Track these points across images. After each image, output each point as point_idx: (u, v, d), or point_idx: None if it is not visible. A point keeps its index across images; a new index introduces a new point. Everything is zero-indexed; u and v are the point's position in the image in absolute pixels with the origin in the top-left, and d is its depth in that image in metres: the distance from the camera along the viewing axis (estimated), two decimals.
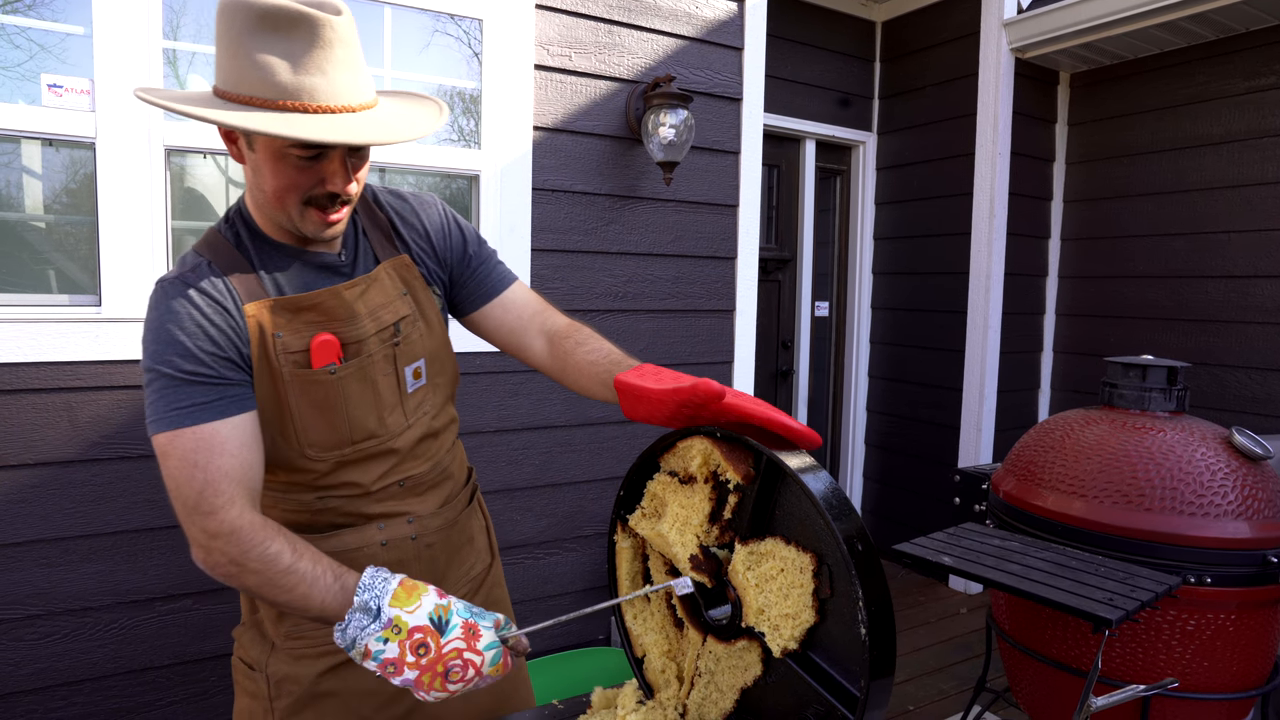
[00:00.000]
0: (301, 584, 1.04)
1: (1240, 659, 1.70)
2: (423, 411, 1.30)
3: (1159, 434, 1.78)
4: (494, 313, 1.36)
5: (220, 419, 1.06)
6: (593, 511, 2.80)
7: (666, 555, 1.17)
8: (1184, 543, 1.65)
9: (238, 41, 0.99)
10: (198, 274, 1.10)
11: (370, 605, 1.02)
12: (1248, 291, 3.43)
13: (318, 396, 1.16)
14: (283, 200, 1.09)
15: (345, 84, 1.03)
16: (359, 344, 1.19)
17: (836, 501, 0.86)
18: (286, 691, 1.23)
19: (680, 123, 2.61)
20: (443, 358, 1.34)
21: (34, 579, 1.98)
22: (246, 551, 1.04)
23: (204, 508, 1.03)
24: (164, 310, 1.07)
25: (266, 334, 1.11)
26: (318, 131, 0.98)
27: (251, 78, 1.00)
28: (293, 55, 0.99)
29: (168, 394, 1.05)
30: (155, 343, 1.06)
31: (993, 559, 1.66)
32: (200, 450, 1.04)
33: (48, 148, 2.01)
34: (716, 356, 3.02)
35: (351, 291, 1.19)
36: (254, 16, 0.98)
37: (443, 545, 1.35)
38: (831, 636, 0.91)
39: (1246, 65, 3.40)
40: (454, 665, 1.01)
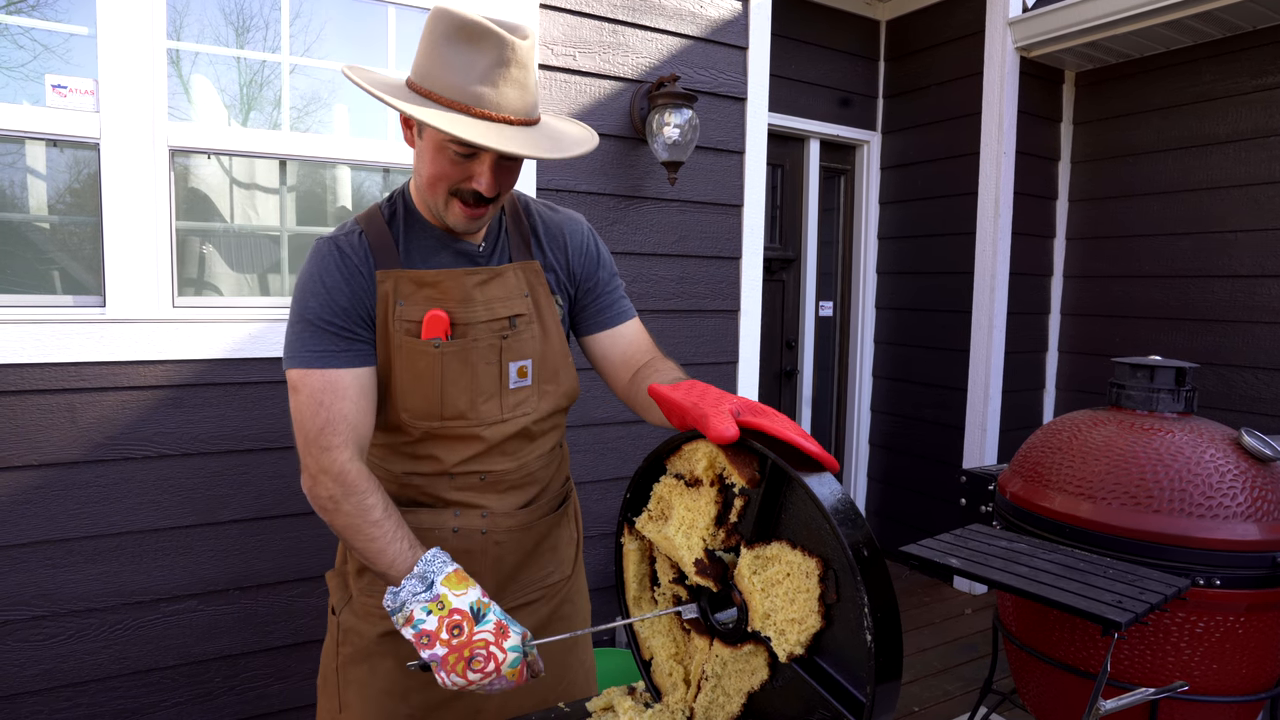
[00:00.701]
0: (382, 538, 1.17)
1: (1249, 661, 1.69)
2: (523, 411, 1.35)
3: (1167, 435, 1.77)
4: (603, 341, 1.43)
5: (346, 368, 1.22)
6: (597, 512, 2.79)
7: (673, 558, 1.17)
8: (1193, 545, 1.64)
9: (436, 44, 1.14)
10: (348, 238, 1.26)
11: (426, 576, 1.14)
12: (1254, 291, 3.41)
13: (420, 366, 1.27)
14: (434, 186, 1.22)
15: (513, 98, 1.15)
16: (467, 326, 1.28)
17: (842, 507, 0.85)
18: (350, 641, 1.36)
19: (685, 122, 2.60)
20: (557, 366, 1.39)
21: (39, 580, 1.98)
22: (348, 495, 1.18)
23: (322, 443, 1.18)
24: (315, 265, 1.24)
25: (390, 301, 1.25)
26: (469, 132, 1.10)
27: (436, 77, 1.14)
28: (475, 65, 1.12)
29: (305, 336, 1.21)
30: (304, 290, 1.23)
31: (1000, 561, 1.65)
32: (327, 391, 1.19)
33: (52, 148, 2.01)
34: (721, 357, 3.01)
35: (472, 278, 1.29)
36: (454, 25, 1.12)
37: (513, 546, 1.39)
38: (838, 641, 0.90)
39: (1254, 64, 3.38)
40: (479, 654, 1.11)
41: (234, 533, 2.19)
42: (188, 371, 2.11)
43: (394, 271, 1.25)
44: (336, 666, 1.37)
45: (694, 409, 1.03)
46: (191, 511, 2.13)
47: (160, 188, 2.05)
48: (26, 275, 2.01)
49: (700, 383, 1.15)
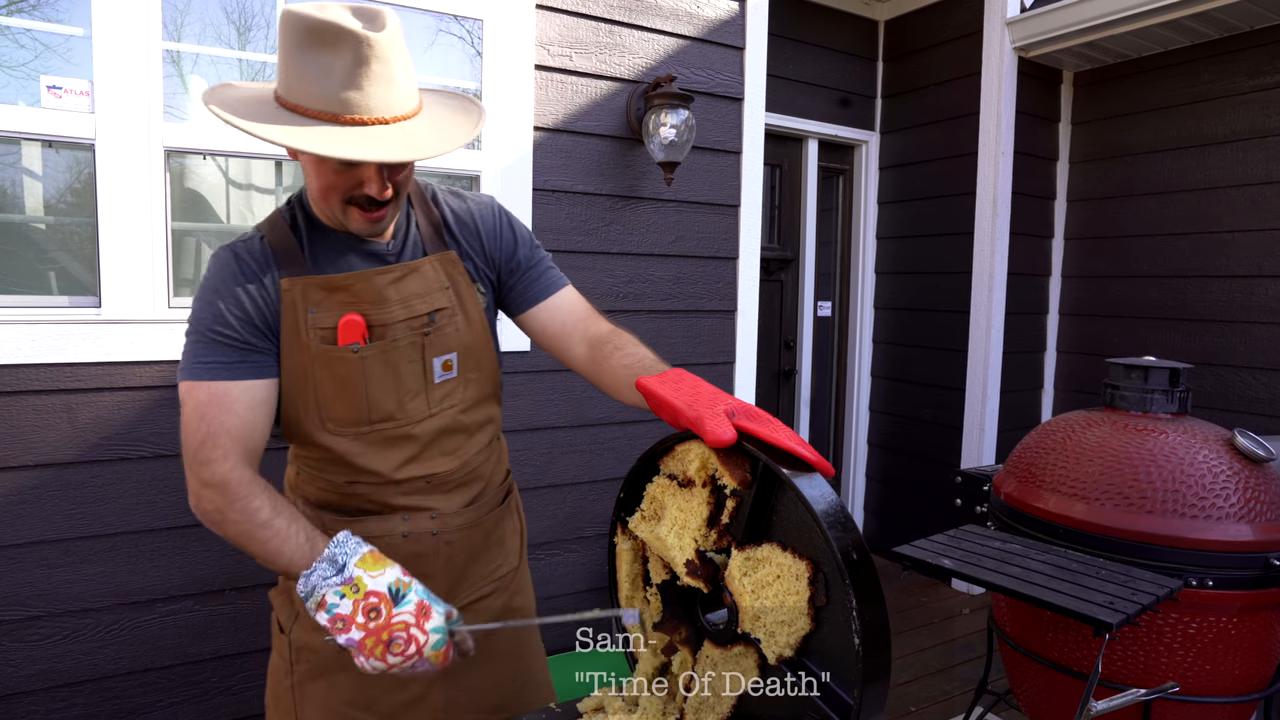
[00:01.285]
0: (275, 538, 1.14)
1: (1242, 662, 1.69)
2: (449, 404, 1.34)
3: (1161, 436, 1.77)
4: (539, 316, 1.40)
5: (235, 380, 1.17)
6: (593, 512, 2.80)
7: (664, 558, 1.17)
8: (1186, 545, 1.65)
9: (290, 52, 1.08)
10: (248, 246, 1.21)
11: (337, 559, 1.11)
12: (1252, 291, 3.41)
13: (340, 372, 1.23)
14: (326, 198, 1.18)
15: (380, 97, 1.09)
16: (384, 328, 1.25)
17: (832, 510, 0.86)
18: (305, 659, 1.33)
19: (681, 123, 2.60)
20: (480, 354, 1.37)
21: (34, 580, 1.98)
22: (231, 503, 1.14)
23: (201, 457, 1.14)
24: (212, 273, 1.20)
25: (299, 309, 1.20)
26: (337, 147, 1.05)
27: (298, 88, 1.08)
28: (333, 69, 1.06)
29: (197, 348, 1.17)
30: (198, 300, 1.19)
31: (993, 562, 1.66)
32: (210, 404, 1.15)
33: (47, 149, 2.01)
34: (718, 357, 3.02)
35: (384, 277, 1.25)
36: (303, 29, 1.05)
37: (464, 544, 1.39)
38: (827, 644, 0.90)
39: (1251, 64, 3.38)
40: (399, 636, 1.08)
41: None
42: None
43: (301, 278, 1.20)
44: (291, 685, 1.34)
45: (688, 410, 1.01)
46: (187, 512, 2.09)
47: (156, 188, 2.05)
48: (22, 276, 2.02)
49: (686, 374, 1.14)
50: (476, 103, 1.27)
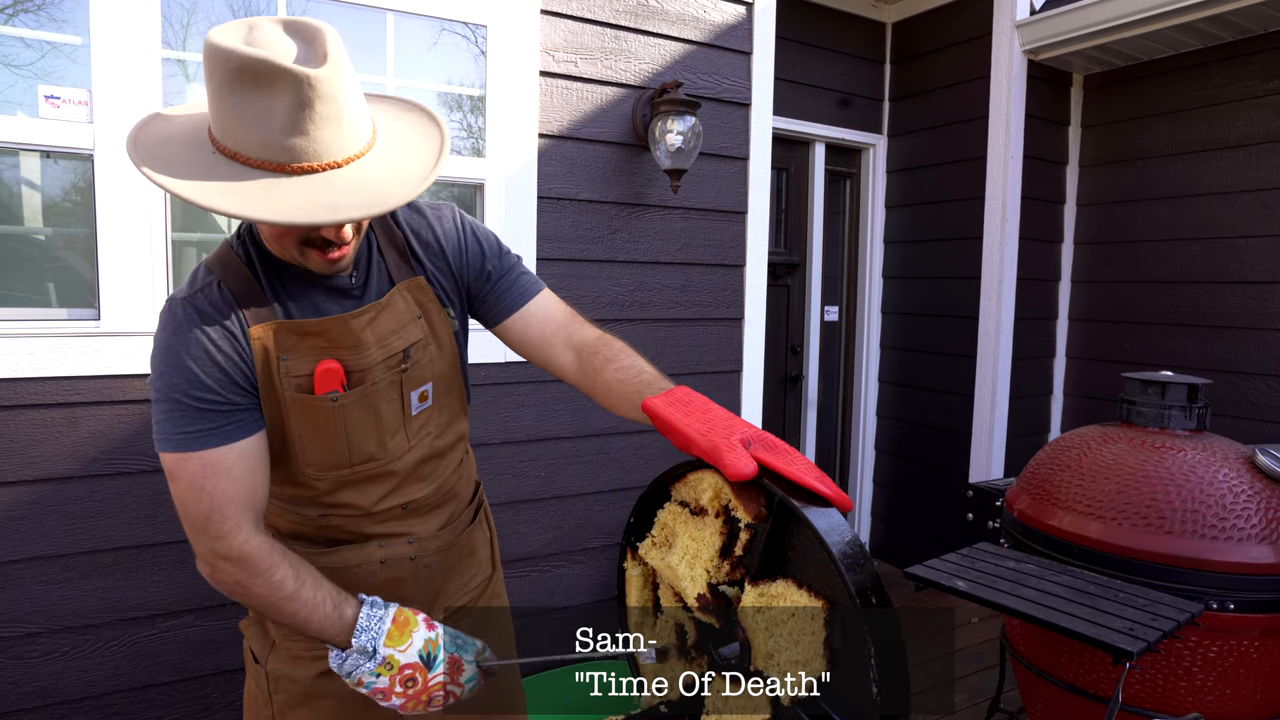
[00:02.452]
0: (303, 610, 1.11)
1: (1264, 686, 1.66)
2: (426, 433, 1.29)
3: (1179, 454, 1.73)
4: (516, 326, 1.31)
5: (227, 444, 1.08)
6: (599, 523, 2.76)
7: (675, 588, 1.14)
8: (1206, 567, 1.61)
9: (220, 92, 0.94)
10: (207, 294, 1.09)
11: (367, 648, 1.11)
12: (1266, 298, 3.37)
13: (319, 421, 1.16)
14: (281, 243, 1.08)
15: (330, 141, 0.97)
16: (364, 372, 1.18)
17: (850, 550, 0.82)
18: (283, 689, 1.30)
19: (688, 129, 2.56)
20: (450, 378, 1.32)
21: (33, 596, 1.96)
22: (254, 577, 1.09)
23: (211, 531, 1.07)
24: (172, 333, 1.07)
25: (271, 356, 1.11)
26: (288, 209, 0.93)
27: (235, 134, 0.95)
28: (273, 113, 0.93)
29: (175, 416, 1.06)
30: (164, 366, 1.07)
31: (1008, 583, 1.62)
32: (207, 475, 1.06)
33: (46, 159, 1.99)
34: (725, 365, 2.98)
35: (359, 320, 1.16)
36: (234, 68, 0.91)
37: (440, 565, 1.37)
38: (844, 687, 0.87)
39: (1265, 67, 3.33)
40: (436, 695, 1.13)
41: None
42: None
43: (270, 324, 1.10)
44: (272, 714, 1.31)
45: (703, 439, 0.97)
46: None
47: (156, 199, 2.02)
48: (20, 288, 1.99)
49: (694, 394, 1.09)
50: (434, 117, 1.15)
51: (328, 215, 0.95)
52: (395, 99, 1.19)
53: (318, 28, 0.99)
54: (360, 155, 1.02)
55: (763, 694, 0.99)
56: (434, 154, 1.09)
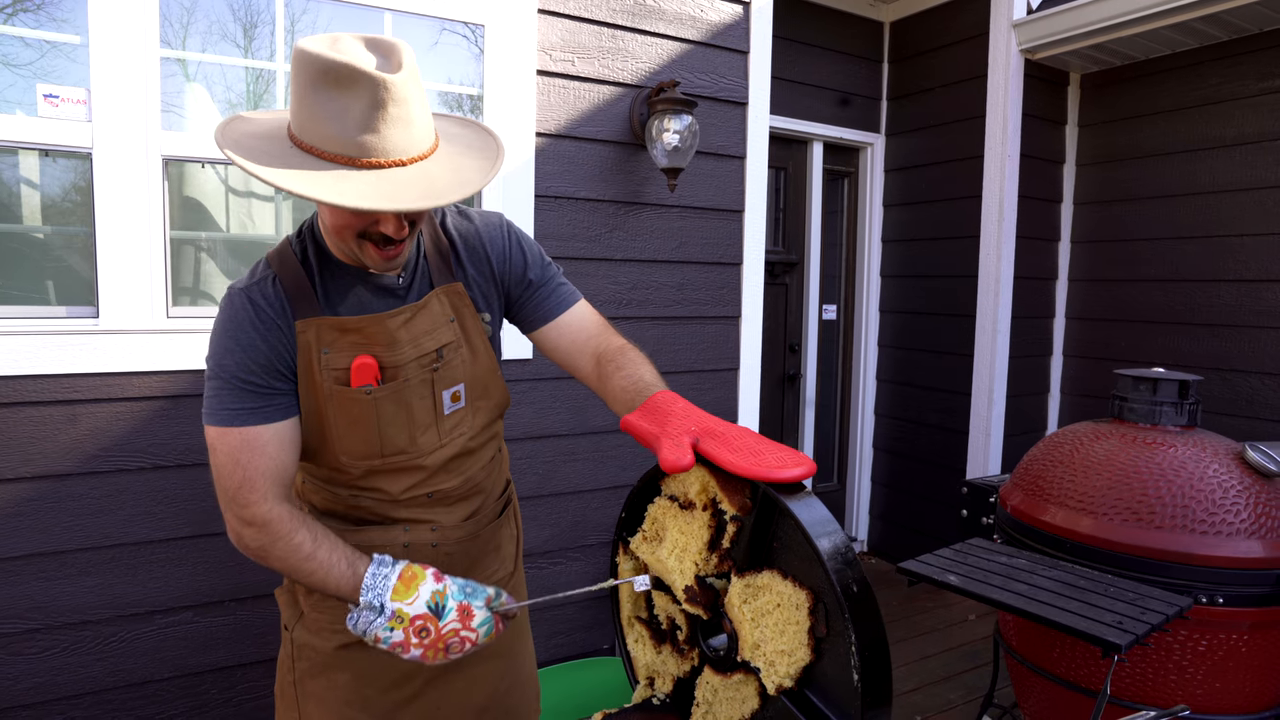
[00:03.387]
0: (320, 569, 1.19)
1: (1253, 680, 1.67)
2: (459, 433, 1.36)
3: (1170, 450, 1.74)
4: (551, 334, 1.41)
5: (264, 424, 1.19)
6: (596, 521, 2.78)
7: (665, 581, 1.15)
8: (1196, 562, 1.62)
9: (304, 92, 1.05)
10: (262, 288, 1.20)
11: (375, 603, 1.16)
12: (1261, 296, 3.38)
13: (354, 412, 1.25)
14: (341, 234, 1.17)
15: (398, 139, 1.07)
16: (397, 369, 1.26)
17: (832, 541, 0.84)
18: (305, 657, 1.38)
19: (685, 128, 2.58)
20: (487, 382, 1.39)
21: (32, 592, 1.97)
22: (275, 540, 1.19)
23: (241, 499, 1.18)
24: (229, 319, 1.19)
25: (314, 349, 1.21)
26: (354, 195, 1.02)
27: (312, 129, 1.06)
28: (350, 112, 1.03)
29: (222, 394, 1.18)
30: (219, 348, 1.19)
31: (1000, 578, 1.63)
32: (244, 449, 1.18)
33: (45, 158, 2.00)
34: (722, 363, 2.99)
35: (395, 320, 1.25)
36: (318, 70, 1.02)
37: (462, 554, 1.42)
38: (827, 676, 0.88)
39: (1260, 66, 3.34)
40: (452, 642, 1.18)
41: (229, 544, 2.17)
42: (182, 382, 2.09)
43: (314, 320, 1.21)
44: (294, 680, 1.39)
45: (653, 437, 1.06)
46: (187, 523, 2.12)
47: (154, 197, 2.04)
48: (20, 286, 2.00)
49: (671, 400, 1.14)
50: (495, 135, 1.25)
51: (387, 204, 1.04)
52: (460, 117, 1.31)
53: (394, 44, 1.09)
54: (423, 157, 1.12)
55: (751, 683, 1.01)
56: (491, 162, 1.19)
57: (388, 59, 1.07)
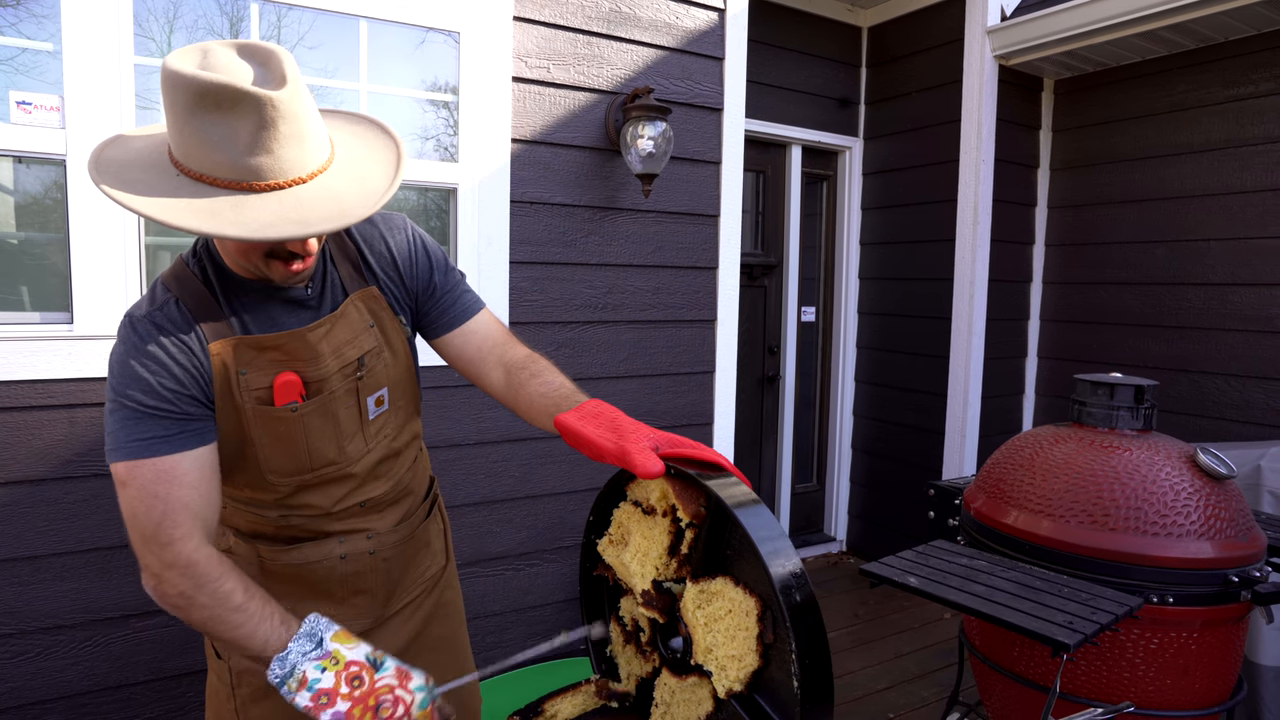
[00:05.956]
0: (249, 621, 1.10)
1: (1204, 676, 1.72)
2: (384, 435, 1.35)
3: (1125, 453, 1.79)
4: (455, 341, 1.38)
5: (180, 451, 1.09)
6: (573, 522, 2.80)
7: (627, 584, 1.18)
8: (1148, 563, 1.67)
9: (183, 117, 0.97)
10: (165, 312, 1.12)
11: (315, 634, 1.10)
12: (1226, 299, 3.45)
13: (279, 431, 1.21)
14: (246, 257, 1.11)
15: (293, 158, 1.01)
16: (321, 382, 1.22)
17: (776, 551, 0.87)
18: (246, 683, 1.32)
19: (659, 134, 2.61)
20: (405, 382, 1.37)
21: (6, 598, 1.98)
22: (200, 586, 1.09)
23: (162, 538, 1.07)
24: (130, 345, 1.09)
25: (230, 371, 1.14)
26: (260, 226, 0.97)
27: (200, 156, 0.99)
28: (238, 135, 0.97)
29: (129, 425, 1.07)
30: (121, 376, 1.09)
31: (959, 579, 1.67)
32: (160, 481, 1.07)
33: (18, 165, 2.01)
34: (698, 366, 3.03)
35: (315, 333, 1.21)
36: (196, 94, 0.95)
37: (398, 558, 1.42)
38: (775, 681, 0.92)
39: (1226, 74, 3.41)
40: (385, 700, 1.08)
41: None
42: None
43: (228, 340, 1.14)
44: (235, 708, 1.34)
45: (614, 446, 1.02)
46: None
47: None
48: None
49: (603, 406, 1.14)
50: (387, 129, 1.20)
51: (299, 229, 0.99)
52: (345, 113, 1.23)
53: (270, 50, 1.02)
54: (322, 170, 1.06)
55: (705, 686, 1.04)
56: (393, 165, 1.14)
57: (266, 69, 1.01)
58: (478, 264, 2.52)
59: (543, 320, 2.67)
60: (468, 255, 2.51)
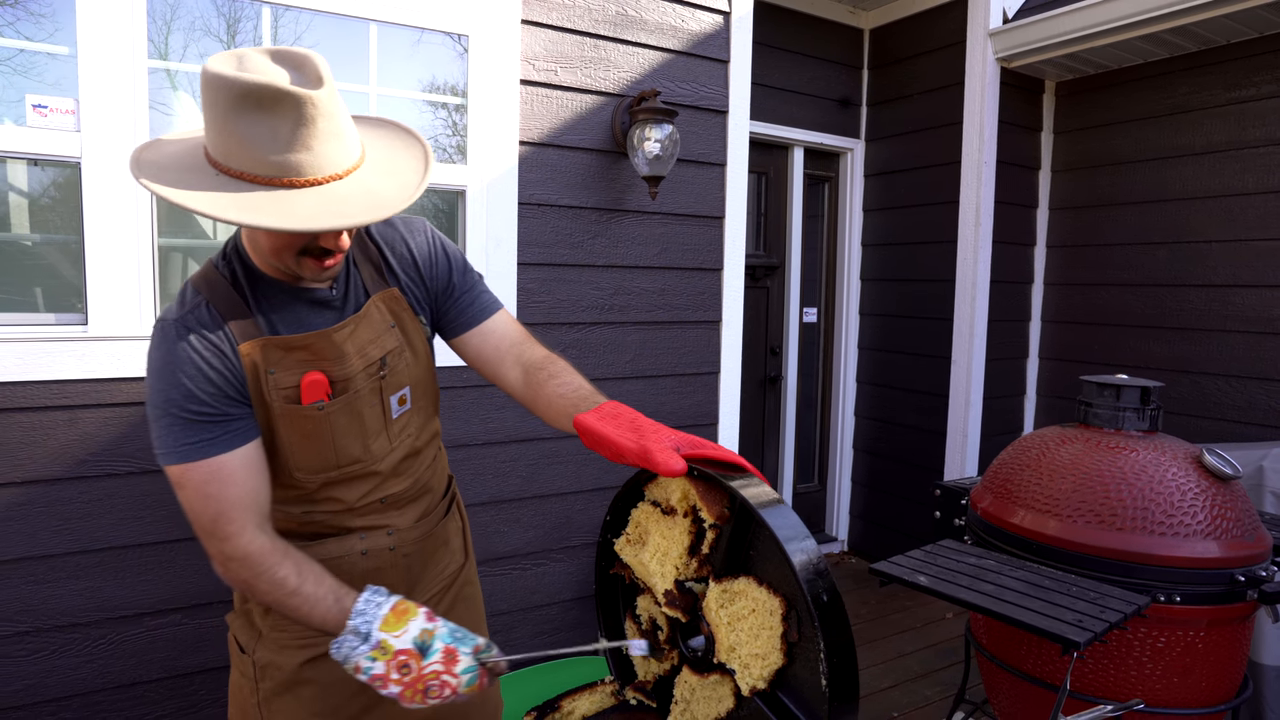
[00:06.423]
0: (305, 604, 1.17)
1: (1210, 674, 1.74)
2: (406, 434, 1.38)
3: (1131, 454, 1.81)
4: (473, 341, 1.41)
5: (228, 451, 1.16)
6: (580, 522, 2.82)
7: (646, 584, 1.20)
8: (1155, 562, 1.69)
9: (223, 118, 1.01)
10: (196, 316, 1.16)
11: (361, 629, 1.14)
12: (1228, 300, 3.47)
13: (306, 429, 1.24)
14: (279, 255, 1.16)
15: (331, 155, 1.06)
16: (346, 381, 1.26)
17: (803, 552, 0.89)
18: (269, 676, 1.35)
19: (665, 137, 2.62)
20: (426, 382, 1.41)
21: (22, 596, 1.99)
22: (258, 574, 1.17)
23: (219, 534, 1.16)
24: (166, 352, 1.14)
25: (260, 370, 1.19)
26: (303, 218, 1.02)
27: (240, 155, 1.02)
28: (278, 133, 1.01)
29: (175, 431, 1.14)
30: (160, 384, 1.14)
31: (968, 578, 1.69)
32: (212, 482, 1.15)
33: (33, 167, 2.02)
34: (703, 367, 3.04)
35: (341, 333, 1.25)
36: (236, 95, 0.99)
37: (418, 554, 1.45)
38: (799, 679, 0.93)
39: (1227, 77, 3.43)
40: (432, 684, 1.14)
41: None
42: None
43: (257, 341, 1.18)
44: (257, 702, 1.37)
45: (636, 445, 1.05)
46: (175, 526, 2.14)
47: (142, 205, 2.06)
48: (9, 294, 2.02)
49: (622, 408, 1.17)
50: (411, 131, 1.25)
51: (340, 221, 1.04)
52: (370, 118, 1.28)
53: (304, 54, 1.07)
54: (357, 167, 1.11)
55: (727, 684, 1.06)
56: (421, 162, 1.20)
57: (301, 72, 1.05)
58: (486, 265, 2.54)
59: (550, 321, 2.69)
60: (476, 256, 2.53)
